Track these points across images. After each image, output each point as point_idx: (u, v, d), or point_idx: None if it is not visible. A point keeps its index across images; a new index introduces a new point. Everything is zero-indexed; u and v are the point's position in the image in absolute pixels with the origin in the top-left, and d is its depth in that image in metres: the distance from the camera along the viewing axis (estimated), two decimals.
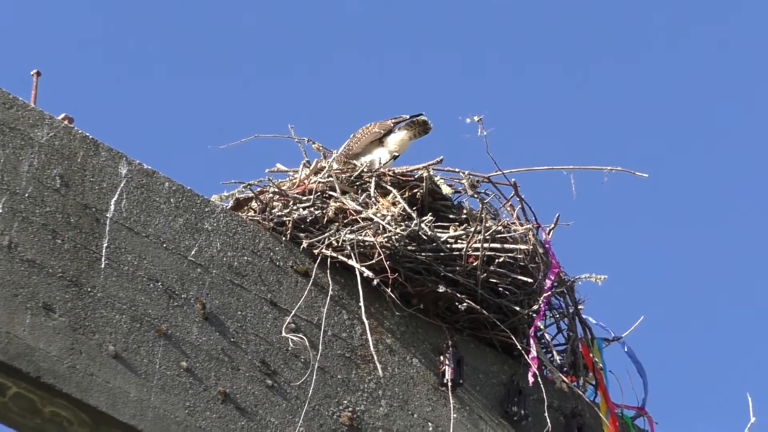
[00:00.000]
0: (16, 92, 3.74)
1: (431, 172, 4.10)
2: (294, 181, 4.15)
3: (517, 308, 3.98)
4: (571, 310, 4.20)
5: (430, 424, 3.74)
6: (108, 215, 3.42)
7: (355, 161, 4.18)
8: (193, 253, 3.57)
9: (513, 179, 4.06)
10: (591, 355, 4.20)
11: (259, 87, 14.23)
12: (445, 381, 3.78)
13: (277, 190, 4.01)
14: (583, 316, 4.25)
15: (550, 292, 4.06)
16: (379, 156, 4.24)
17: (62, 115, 3.49)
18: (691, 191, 13.66)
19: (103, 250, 3.41)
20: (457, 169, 4.18)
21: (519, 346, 3.93)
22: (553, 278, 4.14)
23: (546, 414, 3.77)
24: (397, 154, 4.26)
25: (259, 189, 4.05)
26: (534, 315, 4.01)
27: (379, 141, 4.32)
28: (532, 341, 3.94)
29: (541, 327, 4.11)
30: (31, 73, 3.69)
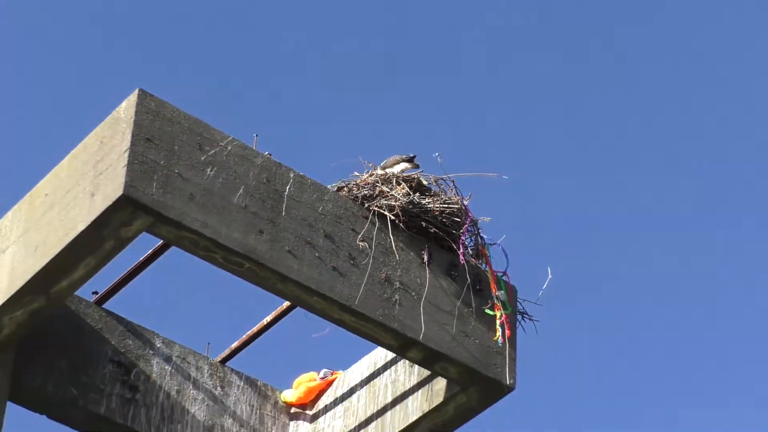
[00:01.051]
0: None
1: (418, 175, 4.23)
2: (362, 179, 4.21)
3: (454, 231, 4.12)
4: (475, 233, 4.23)
5: (418, 279, 3.84)
6: (285, 194, 3.63)
7: (386, 170, 4.28)
8: (320, 209, 3.72)
9: (453, 179, 4.22)
10: (484, 250, 4.22)
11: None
12: (424, 261, 3.90)
13: (354, 183, 4.12)
14: (481, 235, 4.24)
15: (467, 225, 4.18)
16: (397, 170, 4.28)
17: (266, 153, 3.71)
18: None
19: (283, 208, 3.61)
20: (429, 174, 4.30)
21: (455, 247, 4.06)
22: (468, 220, 4.18)
23: (467, 275, 3.93)
24: (403, 172, 4.26)
25: (346, 182, 4.13)
26: (461, 234, 4.14)
27: (397, 163, 4.36)
28: (460, 246, 4.08)
29: (464, 240, 4.17)
30: (254, 135, 3.77)
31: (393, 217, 3.79)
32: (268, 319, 4.28)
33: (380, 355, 4.30)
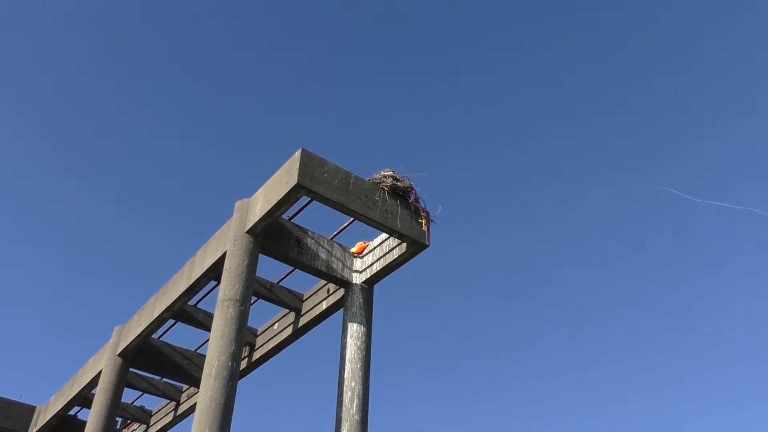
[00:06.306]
0: None
1: (405, 181, 8.36)
2: (376, 178, 8.12)
3: (408, 193, 8.15)
4: (418, 197, 8.14)
5: (397, 210, 8.21)
6: (351, 181, 8.33)
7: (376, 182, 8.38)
8: (365, 187, 8.24)
9: (411, 182, 8.33)
10: (418, 200, 8.34)
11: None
12: (398, 203, 8.12)
13: (372, 179, 8.02)
14: (418, 195, 8.46)
15: (412, 191, 8.27)
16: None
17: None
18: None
19: (351, 184, 8.34)
20: (407, 180, 8.22)
21: (408, 198, 8.09)
22: (413, 190, 8.24)
23: (412, 207, 8.27)
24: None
25: (370, 178, 8.14)
26: (410, 194, 8.10)
27: (385, 178, 8.44)
28: (410, 197, 8.14)
29: (411, 196, 8.20)
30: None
31: (387, 189, 9.02)
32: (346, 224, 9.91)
33: (382, 236, 9.78)
